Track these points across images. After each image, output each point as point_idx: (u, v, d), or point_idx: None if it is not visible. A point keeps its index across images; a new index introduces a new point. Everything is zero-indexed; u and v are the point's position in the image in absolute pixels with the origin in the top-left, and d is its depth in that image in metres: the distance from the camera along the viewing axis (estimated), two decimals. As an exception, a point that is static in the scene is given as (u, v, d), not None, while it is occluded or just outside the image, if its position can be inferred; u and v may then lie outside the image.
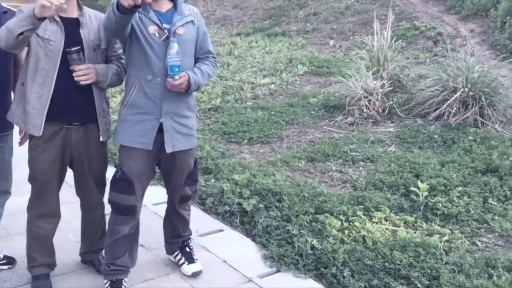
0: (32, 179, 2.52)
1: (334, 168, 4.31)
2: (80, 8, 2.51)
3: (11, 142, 2.73)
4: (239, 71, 8.06)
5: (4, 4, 2.63)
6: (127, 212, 2.53)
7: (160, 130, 2.51)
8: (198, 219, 3.41)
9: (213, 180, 3.95)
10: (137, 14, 2.40)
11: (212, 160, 4.39)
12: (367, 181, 3.95)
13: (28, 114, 2.41)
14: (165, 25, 2.46)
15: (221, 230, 3.35)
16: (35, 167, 2.49)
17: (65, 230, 3.02)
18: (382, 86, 5.75)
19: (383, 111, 5.70)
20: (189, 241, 2.92)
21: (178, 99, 2.51)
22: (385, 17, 9.63)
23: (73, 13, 2.46)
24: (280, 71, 7.96)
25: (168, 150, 2.52)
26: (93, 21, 2.52)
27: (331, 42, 10.33)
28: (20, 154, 2.82)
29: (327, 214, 3.29)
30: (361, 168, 4.36)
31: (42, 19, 2.17)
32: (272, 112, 5.98)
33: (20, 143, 2.71)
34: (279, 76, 7.69)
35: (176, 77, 2.39)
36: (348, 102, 5.74)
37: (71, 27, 2.43)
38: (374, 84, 5.69)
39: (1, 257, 2.84)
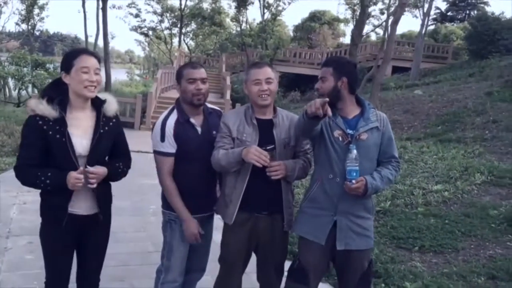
0: (221, 259, 2.80)
1: (521, 291, 3.85)
2: (274, 110, 2.84)
3: (212, 223, 3.09)
4: (409, 175, 7.89)
5: (209, 105, 3.02)
6: None
7: (336, 227, 2.61)
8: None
9: (382, 285, 3.85)
10: (327, 119, 2.64)
11: (381, 264, 4.28)
12: None
13: (226, 205, 2.75)
14: (349, 131, 2.62)
15: None
16: (225, 249, 2.77)
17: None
18: None
19: None
20: None
21: (354, 200, 2.60)
22: None
23: (269, 115, 2.79)
24: (454, 178, 7.57)
25: (339, 247, 2.60)
26: (285, 121, 2.80)
27: (514, 152, 9.57)
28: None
29: None
30: (555, 294, 3.82)
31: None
32: (446, 221, 5.66)
33: None
34: (453, 183, 7.30)
35: (354, 181, 2.50)
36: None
37: (266, 127, 2.74)
38: None
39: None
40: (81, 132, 2.50)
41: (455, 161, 8.62)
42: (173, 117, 2.85)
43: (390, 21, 17.01)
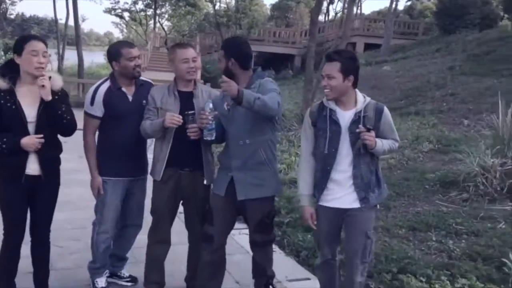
0: (152, 212, 3.26)
1: (434, 239, 4.36)
2: (195, 84, 3.25)
3: (144, 186, 3.50)
4: (363, 146, 8.35)
5: (141, 78, 3.38)
6: (206, 239, 3.10)
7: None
8: (290, 268, 3.86)
9: (309, 236, 4.32)
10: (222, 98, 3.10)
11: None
12: (463, 252, 3.96)
13: (154, 165, 3.21)
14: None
15: (308, 279, 3.71)
16: (154, 203, 3.25)
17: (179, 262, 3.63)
18: (502, 165, 5.64)
19: (502, 189, 5.53)
20: (270, 283, 3.27)
21: (246, 156, 3.00)
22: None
23: (190, 88, 3.22)
24: (403, 147, 8.08)
25: (240, 197, 3.02)
26: (204, 94, 3.24)
27: (466, 122, 10.12)
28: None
29: (409, 275, 3.43)
30: (463, 241, 4.34)
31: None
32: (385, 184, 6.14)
33: None
34: (401, 152, 7.82)
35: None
36: (464, 179, 5.71)
37: (187, 97, 3.18)
38: (493, 162, 5.61)
39: (127, 275, 3.57)
40: (29, 102, 2.90)
41: (408, 132, 9.13)
42: (106, 85, 3.28)
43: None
